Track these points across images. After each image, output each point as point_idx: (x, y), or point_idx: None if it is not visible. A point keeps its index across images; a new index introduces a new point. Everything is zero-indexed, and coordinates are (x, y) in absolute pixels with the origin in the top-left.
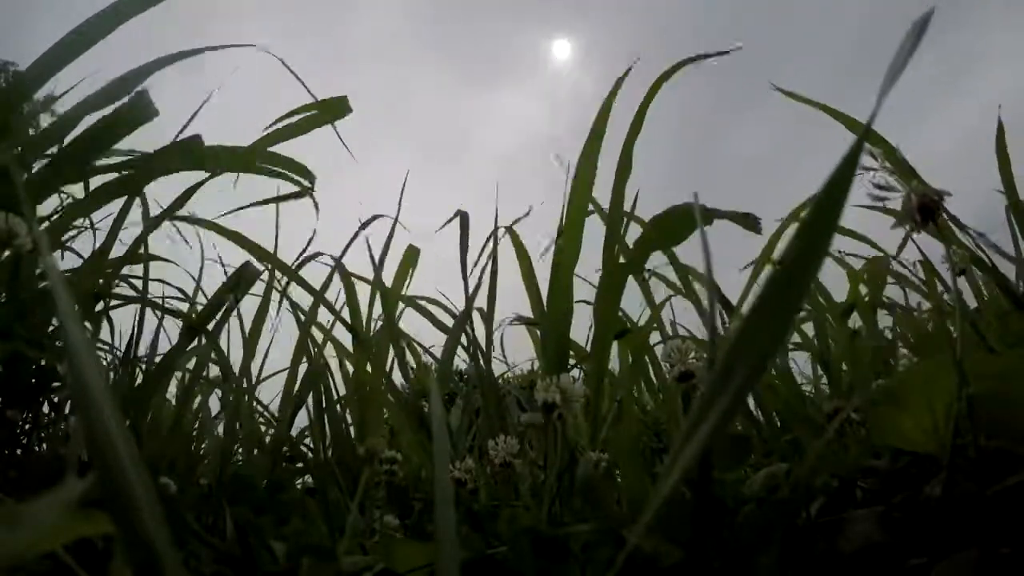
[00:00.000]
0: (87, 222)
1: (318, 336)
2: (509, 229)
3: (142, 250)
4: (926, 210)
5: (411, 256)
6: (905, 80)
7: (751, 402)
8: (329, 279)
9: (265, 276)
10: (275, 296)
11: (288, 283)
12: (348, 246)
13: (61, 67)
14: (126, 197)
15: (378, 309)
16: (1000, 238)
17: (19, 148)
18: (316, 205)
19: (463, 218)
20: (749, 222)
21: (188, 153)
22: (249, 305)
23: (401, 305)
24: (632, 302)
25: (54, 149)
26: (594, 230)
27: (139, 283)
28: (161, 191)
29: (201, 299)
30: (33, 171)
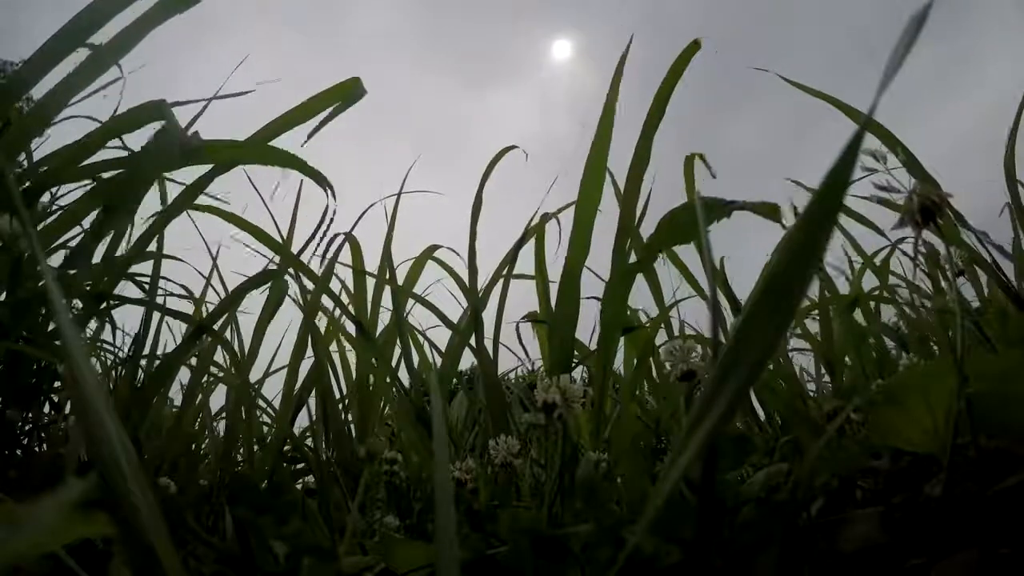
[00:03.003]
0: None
1: (321, 333)
2: (534, 225)
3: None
4: (927, 212)
5: (427, 254)
6: (904, 79)
7: (753, 401)
8: (332, 267)
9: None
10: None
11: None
12: (356, 222)
13: (55, 63)
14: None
15: (385, 303)
16: (1000, 235)
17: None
18: (330, 190)
19: (473, 209)
20: (772, 211)
21: (189, 149)
22: (254, 301)
23: (410, 302)
24: (640, 301)
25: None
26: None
27: (143, 280)
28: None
29: (210, 297)
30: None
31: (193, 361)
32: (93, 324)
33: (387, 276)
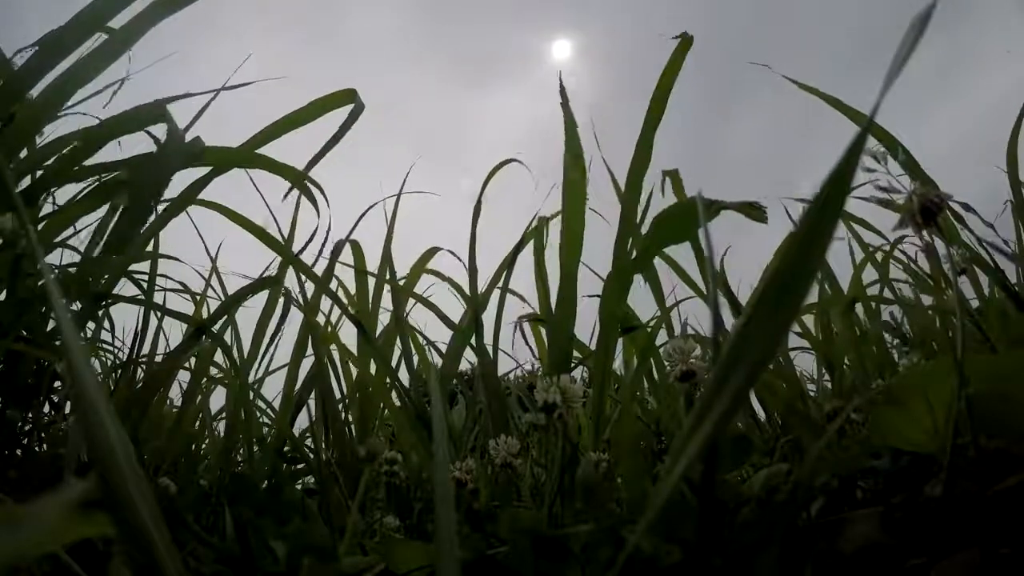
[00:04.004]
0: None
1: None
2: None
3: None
4: (927, 212)
5: (428, 256)
6: (903, 79)
7: (753, 402)
8: (332, 268)
9: (273, 271)
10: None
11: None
12: (356, 224)
13: (54, 65)
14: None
15: (385, 303)
16: (1000, 235)
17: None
18: (317, 200)
19: (474, 213)
20: (755, 212)
21: (190, 152)
22: (257, 302)
23: (411, 302)
24: (641, 303)
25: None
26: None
27: (142, 280)
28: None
29: (210, 295)
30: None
31: (193, 362)
32: (92, 324)
33: (387, 276)
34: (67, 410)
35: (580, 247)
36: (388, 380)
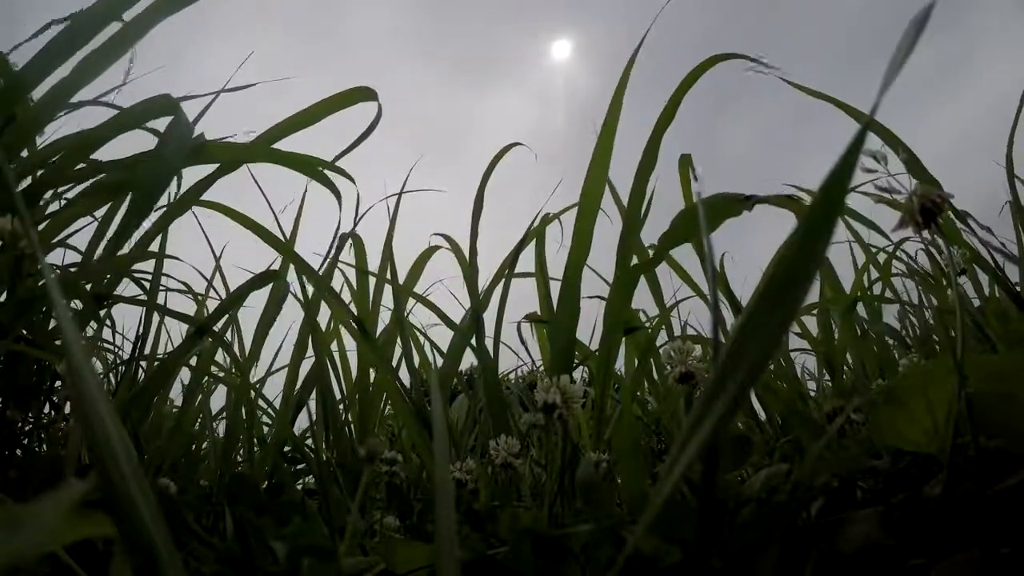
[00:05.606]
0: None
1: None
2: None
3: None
4: (927, 212)
5: (428, 253)
6: (902, 79)
7: (753, 402)
8: (333, 266)
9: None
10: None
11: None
12: (359, 219)
13: (56, 66)
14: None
15: (386, 302)
16: (1000, 235)
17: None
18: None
19: (475, 209)
20: (791, 204)
21: (196, 146)
22: (257, 299)
23: (411, 302)
24: (641, 302)
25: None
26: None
27: (145, 279)
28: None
29: (212, 296)
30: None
31: (193, 361)
32: (94, 324)
33: (388, 275)
34: (67, 410)
35: (589, 243)
36: (388, 379)
